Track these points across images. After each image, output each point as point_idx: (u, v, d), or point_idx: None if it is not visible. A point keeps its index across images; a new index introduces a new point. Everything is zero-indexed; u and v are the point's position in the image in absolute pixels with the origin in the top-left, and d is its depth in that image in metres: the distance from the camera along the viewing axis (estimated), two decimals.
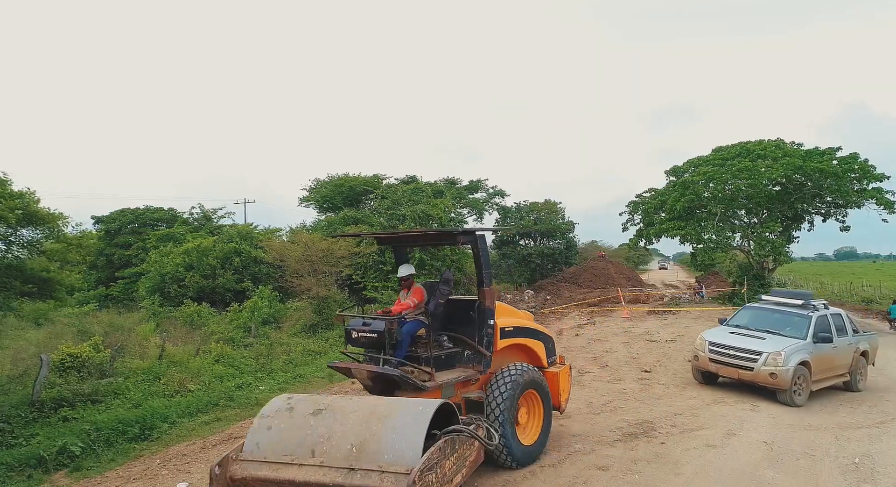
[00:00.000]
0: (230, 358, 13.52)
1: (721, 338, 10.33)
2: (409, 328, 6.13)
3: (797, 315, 10.45)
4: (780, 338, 9.93)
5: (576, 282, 39.33)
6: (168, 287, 24.39)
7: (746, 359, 9.63)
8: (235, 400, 10.44)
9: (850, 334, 10.92)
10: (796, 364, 9.32)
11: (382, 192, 30.08)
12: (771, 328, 10.38)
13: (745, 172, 23.61)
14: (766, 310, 11.11)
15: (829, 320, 10.53)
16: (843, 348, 10.51)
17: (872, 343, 11.71)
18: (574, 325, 19.33)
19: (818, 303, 10.94)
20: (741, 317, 11.33)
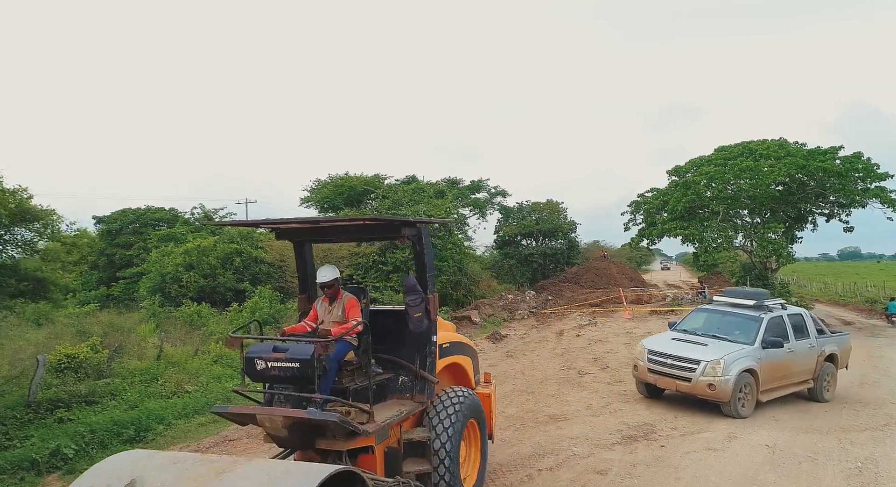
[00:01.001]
0: (229, 359, 13.45)
1: (661, 346, 9.41)
2: (338, 351, 4.67)
3: (748, 318, 9.52)
4: (724, 344, 9.05)
5: (578, 282, 39.13)
6: (168, 287, 24.36)
7: (684, 369, 8.77)
8: (232, 402, 10.35)
9: (813, 336, 9.95)
10: (738, 373, 8.47)
11: (383, 192, 30.02)
12: (719, 333, 9.49)
13: (747, 172, 23.45)
14: (718, 312, 10.13)
15: (786, 321, 9.60)
16: (802, 352, 9.56)
17: (842, 346, 10.68)
18: (575, 326, 19.23)
19: (774, 303, 10.07)
20: (691, 321, 10.39)
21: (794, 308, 10.39)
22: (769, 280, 25.11)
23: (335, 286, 5.15)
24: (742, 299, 10.02)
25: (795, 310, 10.29)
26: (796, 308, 10.46)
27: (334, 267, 5.27)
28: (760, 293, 10.42)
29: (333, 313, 5.12)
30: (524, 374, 11.74)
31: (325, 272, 5.16)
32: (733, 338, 9.19)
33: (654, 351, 9.31)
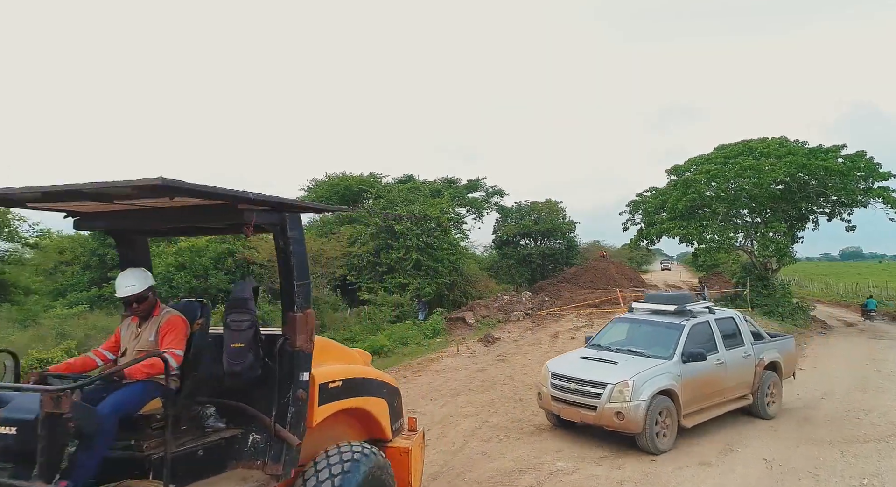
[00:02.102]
0: None
1: (566, 367, 7.82)
2: (119, 400, 3.02)
3: (667, 327, 8.09)
4: (637, 361, 7.56)
5: (576, 283, 38.67)
6: (159, 288, 23.97)
7: (589, 395, 7.17)
8: None
9: (748, 342, 8.63)
10: (651, 396, 6.95)
11: (378, 191, 29.63)
12: (636, 347, 8.03)
13: (748, 171, 23.03)
14: (637, 322, 8.68)
15: (713, 327, 8.22)
16: (735, 363, 8.20)
17: (785, 351, 9.35)
18: (571, 327, 18.79)
19: (698, 307, 8.62)
20: (608, 333, 8.89)
21: (724, 311, 9.09)
22: (770, 281, 24.69)
23: (148, 300, 3.51)
24: (661, 305, 8.64)
25: (726, 313, 8.98)
26: (727, 311, 9.17)
27: (143, 272, 3.58)
28: (682, 296, 9.06)
29: (142, 338, 3.47)
30: (514, 379, 11.32)
31: (127, 280, 3.47)
32: (650, 352, 7.72)
33: (557, 374, 7.69)
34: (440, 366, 12.54)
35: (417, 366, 12.82)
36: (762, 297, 23.28)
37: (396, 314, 23.05)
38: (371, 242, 26.39)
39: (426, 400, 9.66)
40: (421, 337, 18.91)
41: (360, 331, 18.37)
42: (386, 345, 16.54)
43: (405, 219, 26.53)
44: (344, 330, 18.34)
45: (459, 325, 22.31)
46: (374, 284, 25.49)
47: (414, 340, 18.15)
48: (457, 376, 11.57)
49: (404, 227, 26.27)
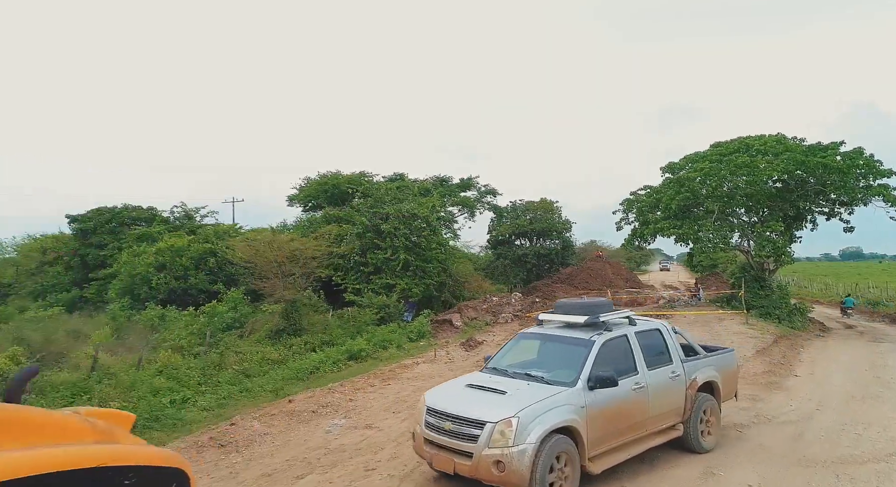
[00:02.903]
0: (174, 369, 12.38)
1: (445, 399, 6.08)
2: None
3: (574, 344, 6.56)
4: (531, 390, 5.92)
5: (572, 283, 38.08)
6: (138, 289, 23.33)
7: (464, 437, 5.51)
8: (160, 421, 9.30)
9: (678, 359, 7.12)
10: (542, 437, 5.32)
11: (365, 189, 28.91)
12: (537, 370, 6.49)
13: (743, 169, 22.34)
14: (543, 338, 7.11)
15: (632, 343, 6.72)
16: (659, 386, 6.69)
17: (724, 368, 7.81)
18: None
19: (616, 316, 7.03)
20: (511, 352, 7.22)
21: (647, 322, 7.39)
22: (767, 281, 24.01)
23: None
24: (570, 316, 6.98)
25: (650, 324, 7.30)
26: (651, 322, 7.47)
27: None
28: (597, 305, 7.19)
29: None
30: None
31: None
32: (551, 377, 6.17)
33: (433, 409, 5.95)
34: (413, 373, 11.85)
35: (389, 373, 12.12)
36: (759, 298, 22.58)
37: (381, 315, 22.37)
38: (357, 241, 25.69)
39: (388, 413, 8.97)
40: (404, 340, 18.22)
41: (341, 334, 17.66)
42: (364, 349, 15.84)
43: (392, 218, 25.83)
44: (323, 333, 17.63)
45: (446, 327, 21.62)
46: (360, 285, 24.81)
47: (396, 343, 17.47)
48: (428, 385, 10.87)
49: (392, 226, 25.57)
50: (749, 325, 18.56)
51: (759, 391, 10.38)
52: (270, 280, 17.64)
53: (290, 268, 18.03)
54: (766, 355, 14.31)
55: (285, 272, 18.13)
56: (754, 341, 15.82)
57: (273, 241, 18.29)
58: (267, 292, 17.94)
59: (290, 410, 8.81)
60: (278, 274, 17.81)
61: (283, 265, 17.90)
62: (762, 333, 17.35)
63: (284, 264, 17.94)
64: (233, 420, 8.43)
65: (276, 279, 17.67)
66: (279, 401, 9.89)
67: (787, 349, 16.04)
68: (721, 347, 8.67)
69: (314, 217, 30.98)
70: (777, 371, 12.48)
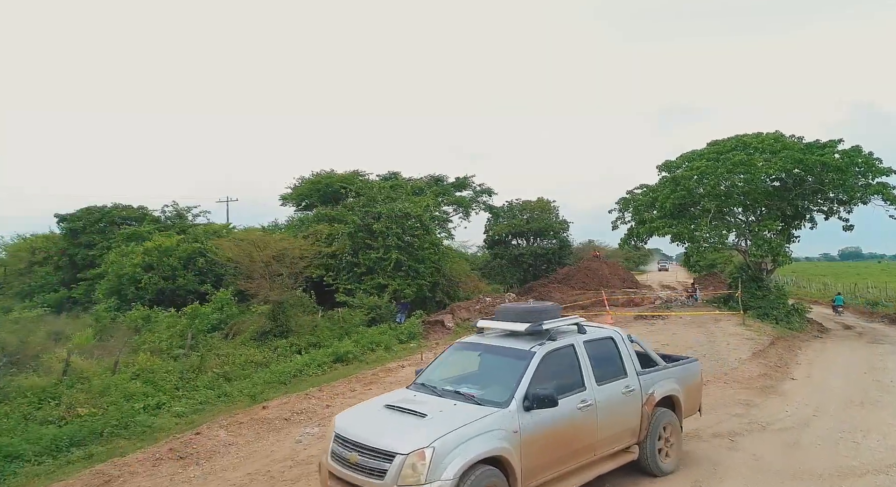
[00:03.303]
0: (150, 373, 11.99)
1: (357, 423, 5.22)
2: None
3: (513, 355, 5.70)
4: (456, 412, 5.05)
5: (568, 283, 37.79)
6: (125, 289, 22.92)
7: (371, 472, 4.68)
8: (130, 428, 8.91)
9: (632, 372, 6.30)
10: (463, 470, 4.55)
11: (357, 188, 28.52)
12: (469, 386, 5.58)
13: (740, 167, 21.97)
14: (481, 348, 6.16)
15: (579, 354, 5.86)
16: (611, 403, 5.86)
17: (686, 380, 6.99)
18: None
19: (563, 323, 6.11)
20: (443, 365, 6.26)
21: (599, 330, 6.60)
22: (764, 282, 23.64)
23: None
24: (511, 323, 6.06)
25: (601, 332, 6.46)
26: (604, 329, 6.68)
27: None
28: (540, 310, 6.21)
29: None
30: None
31: None
32: (482, 396, 5.31)
33: (343, 436, 5.08)
34: (396, 377, 11.45)
35: (372, 377, 11.74)
36: (756, 299, 22.20)
37: (372, 316, 22.01)
38: (349, 241, 25.32)
39: None
40: (394, 342, 17.88)
41: (329, 336, 17.29)
42: (351, 351, 15.48)
43: (385, 217, 25.46)
44: (311, 335, 17.25)
45: (438, 328, 21.28)
46: (351, 285, 24.45)
47: (385, 345, 17.11)
48: None
49: (384, 226, 25.20)
50: (746, 326, 18.19)
51: (753, 396, 10.01)
52: (256, 281, 17.26)
53: (277, 268, 17.64)
54: (763, 357, 13.94)
55: (272, 273, 17.74)
56: (751, 342, 15.44)
57: (258, 240, 17.89)
58: (252, 293, 17.54)
59: (262, 417, 8.43)
60: (265, 274, 17.43)
61: (270, 265, 17.52)
62: (759, 334, 16.97)
63: (271, 265, 17.55)
64: (198, 429, 8.04)
65: (263, 280, 17.29)
66: (253, 407, 9.50)
67: (785, 350, 15.68)
68: (683, 357, 7.63)
69: (306, 217, 30.62)
70: (773, 375, 12.11)
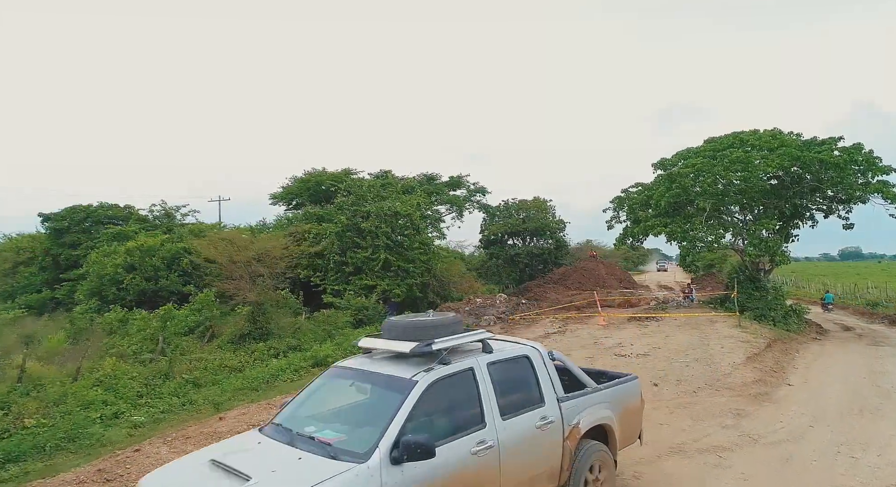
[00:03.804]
0: (114, 380, 11.41)
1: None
2: None
3: (388, 385, 4.46)
4: (294, 472, 3.80)
5: (564, 283, 37.29)
6: (106, 291, 22.36)
7: None
8: (78, 440, 8.32)
9: (551, 399, 5.08)
10: None
11: (346, 186, 27.95)
12: (334, 428, 4.37)
13: (737, 164, 21.38)
14: (357, 374, 4.84)
15: (480, 382, 4.63)
16: (520, 441, 4.66)
17: (623, 404, 5.86)
18: (541, 335, 17.17)
19: (462, 342, 4.84)
20: (315, 394, 4.99)
21: (512, 347, 5.31)
22: (762, 282, 23.04)
23: None
24: (396, 341, 4.76)
25: (513, 351, 5.20)
26: (519, 346, 5.37)
27: None
28: (433, 326, 4.83)
29: None
30: None
31: None
32: (341, 445, 4.02)
33: None
34: None
35: None
36: (753, 299, 21.59)
37: (359, 318, 21.45)
38: (336, 240, 24.75)
39: None
40: None
41: (311, 338, 16.72)
42: (331, 355, 14.86)
43: (374, 216, 24.89)
44: (292, 337, 16.67)
45: None
46: (339, 285, 23.89)
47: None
48: None
49: (372, 224, 24.65)
50: (741, 328, 17.59)
51: (746, 405, 9.41)
52: (236, 281, 16.68)
53: (258, 269, 17.07)
54: (758, 361, 13.35)
55: (253, 273, 17.17)
56: (746, 345, 14.83)
57: (237, 240, 17.31)
58: (230, 294, 16.98)
59: (213, 431, 7.83)
60: (244, 275, 16.86)
61: (250, 266, 16.94)
62: (755, 336, 16.38)
63: (251, 265, 16.98)
64: (140, 445, 7.45)
65: (242, 280, 16.72)
66: (209, 419, 8.92)
67: (781, 354, 15.11)
68: (621, 374, 6.40)
69: (296, 215, 30.08)
70: (768, 380, 11.52)
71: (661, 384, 10.46)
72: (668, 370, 11.64)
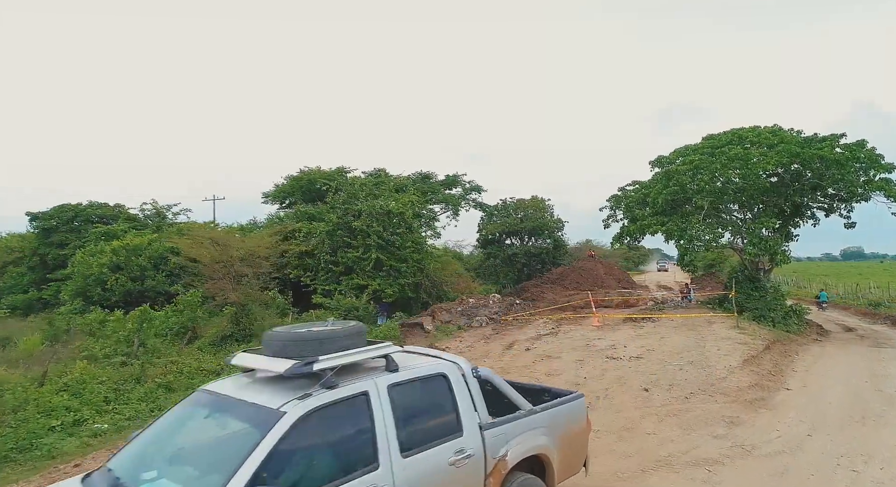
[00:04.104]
0: (81, 384, 10.92)
1: None
2: None
3: (248, 420, 3.57)
4: None
5: (562, 283, 36.76)
6: (91, 291, 21.89)
7: None
8: (30, 451, 7.83)
9: (473, 426, 4.24)
10: None
11: (337, 184, 27.45)
12: (175, 475, 3.51)
13: (736, 161, 20.86)
14: (217, 402, 3.90)
15: (375, 411, 3.77)
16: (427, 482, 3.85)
17: (562, 427, 4.91)
18: (533, 336, 16.66)
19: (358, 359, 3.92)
20: (165, 428, 4.01)
21: (426, 363, 4.44)
22: (761, 282, 22.51)
23: None
24: (273, 358, 3.87)
25: (426, 368, 4.34)
26: (435, 363, 4.45)
27: None
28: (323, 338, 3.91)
29: None
30: None
31: None
32: None
33: None
34: None
35: None
36: (752, 299, 21.07)
37: (349, 318, 20.96)
38: (327, 240, 24.26)
39: None
40: None
41: None
42: None
43: (365, 215, 24.39)
44: None
45: (416, 331, 20.21)
46: (330, 286, 23.40)
47: None
48: None
49: (364, 223, 24.15)
50: (739, 329, 17.06)
51: (741, 412, 8.89)
52: (216, 281, 16.20)
53: (241, 268, 16.58)
54: (755, 364, 12.82)
55: (236, 273, 16.69)
56: (743, 347, 14.30)
57: (219, 238, 16.83)
58: (210, 294, 16.51)
59: None
60: (227, 275, 16.37)
61: (233, 265, 16.46)
62: (753, 338, 15.85)
63: (234, 264, 16.49)
64: (81, 460, 6.97)
65: (225, 281, 16.23)
66: None
67: (780, 356, 14.59)
68: (565, 392, 5.36)
69: (287, 214, 29.61)
70: (765, 384, 11.00)
71: (653, 389, 9.95)
72: (661, 374, 11.12)
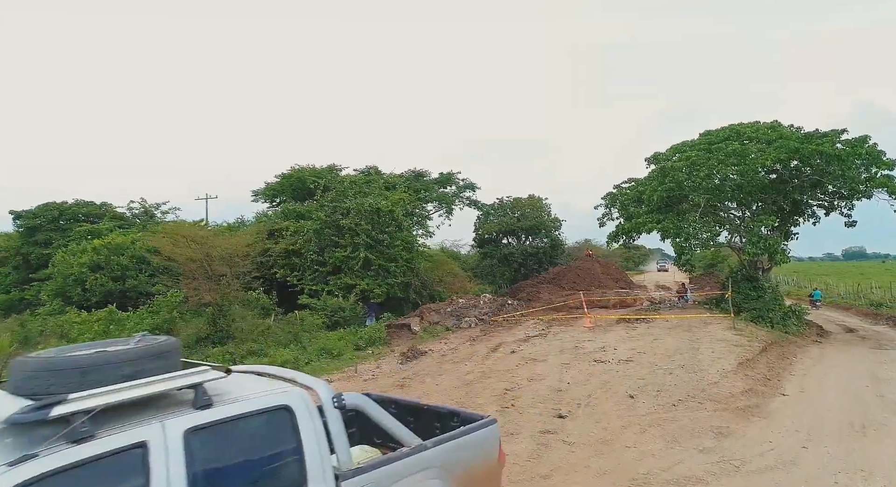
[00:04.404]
0: None
1: None
2: None
3: None
4: None
5: (558, 283, 36.15)
6: (70, 291, 21.34)
7: None
8: None
9: (323, 478, 3.10)
10: None
11: (326, 182, 26.88)
12: None
13: (733, 157, 20.24)
14: None
15: (155, 473, 2.59)
16: None
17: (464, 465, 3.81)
18: (521, 338, 16.06)
19: (140, 393, 2.68)
20: None
21: (260, 391, 3.21)
22: (760, 281, 21.88)
23: None
24: (6, 398, 2.69)
25: (258, 399, 3.11)
26: (269, 391, 3.23)
27: None
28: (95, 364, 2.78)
29: None
30: None
31: None
32: None
33: None
34: None
35: None
36: (750, 300, 20.45)
37: (336, 319, 20.40)
38: (314, 238, 23.69)
39: None
40: (349, 348, 16.26)
41: (273, 342, 15.66)
42: (290, 361, 13.85)
43: (353, 213, 23.83)
44: (255, 341, 15.63)
45: (403, 332, 19.59)
46: (317, 285, 22.84)
47: (337, 351, 15.51)
48: None
49: (352, 222, 23.60)
50: (736, 330, 16.41)
51: (731, 420, 8.28)
52: (194, 281, 15.64)
53: (218, 268, 16.02)
54: (750, 367, 12.20)
55: (214, 273, 16.12)
56: (739, 349, 13.67)
57: (194, 236, 16.27)
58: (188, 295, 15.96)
59: None
60: (204, 274, 15.81)
61: (210, 265, 15.89)
62: (750, 339, 15.23)
63: (212, 264, 15.93)
64: None
65: (201, 280, 15.67)
66: None
67: (777, 358, 13.97)
68: (476, 415, 4.37)
69: (276, 213, 29.05)
70: (759, 390, 10.39)
71: (639, 396, 9.33)
72: (649, 379, 10.51)
